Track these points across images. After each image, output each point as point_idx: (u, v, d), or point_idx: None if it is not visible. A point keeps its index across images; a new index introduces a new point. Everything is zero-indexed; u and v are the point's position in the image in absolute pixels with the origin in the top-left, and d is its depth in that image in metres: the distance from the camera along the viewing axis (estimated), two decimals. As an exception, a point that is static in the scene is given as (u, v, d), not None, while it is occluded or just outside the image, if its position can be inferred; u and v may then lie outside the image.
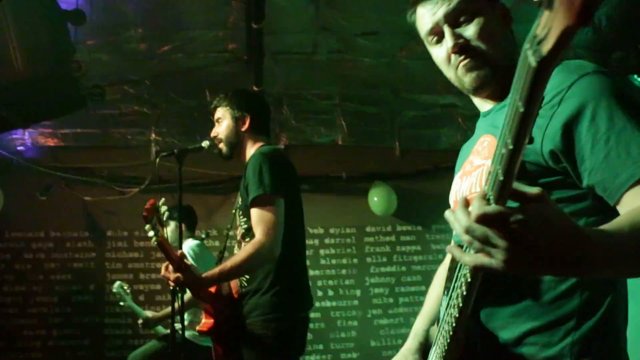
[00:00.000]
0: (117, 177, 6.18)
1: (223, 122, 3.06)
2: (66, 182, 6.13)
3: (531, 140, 1.26)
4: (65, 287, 6.15)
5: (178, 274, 2.60)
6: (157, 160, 3.18)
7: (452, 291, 1.26)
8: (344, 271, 6.31)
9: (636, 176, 1.16)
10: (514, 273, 0.98)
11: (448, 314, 1.30)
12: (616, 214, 1.18)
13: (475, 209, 0.94)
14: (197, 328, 2.92)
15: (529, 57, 0.80)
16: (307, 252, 6.16)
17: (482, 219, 0.93)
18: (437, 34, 1.50)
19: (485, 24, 1.44)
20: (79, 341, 6.07)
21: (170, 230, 3.34)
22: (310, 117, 6.01)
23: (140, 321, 4.71)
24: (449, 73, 1.50)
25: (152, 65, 5.14)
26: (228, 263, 2.66)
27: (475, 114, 1.62)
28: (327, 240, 6.33)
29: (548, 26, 0.76)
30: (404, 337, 6.08)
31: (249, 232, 2.81)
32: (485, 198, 0.96)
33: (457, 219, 0.99)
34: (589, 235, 1.01)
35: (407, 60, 5.15)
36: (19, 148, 6.02)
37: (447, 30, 1.46)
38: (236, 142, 3.04)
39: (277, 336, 2.71)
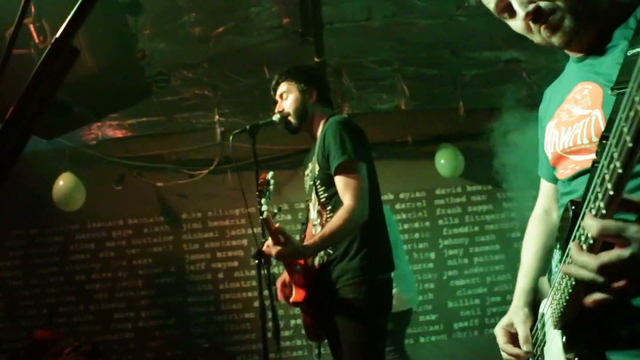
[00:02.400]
0: (185, 161, 6.33)
1: (289, 96, 3.09)
2: (138, 171, 6.33)
3: None
4: (148, 270, 6.41)
5: (279, 247, 2.63)
6: (231, 138, 3.23)
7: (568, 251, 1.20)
8: (416, 235, 6.29)
9: None
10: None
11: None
12: None
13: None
14: (291, 300, 2.95)
15: None
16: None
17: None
18: (505, 9, 1.42)
19: None
20: (166, 320, 6.33)
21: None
22: (371, 84, 5.93)
23: None
24: (535, 39, 1.42)
25: (209, 48, 5.16)
26: (326, 230, 2.70)
27: (539, 67, 1.54)
28: (397, 206, 6.31)
29: None
30: (481, 297, 6.06)
31: (330, 200, 2.88)
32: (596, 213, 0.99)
33: (583, 263, 1.04)
34: None
35: (465, 18, 4.98)
36: (91, 143, 6.23)
37: (513, 1, 1.38)
38: (305, 115, 3.07)
39: (368, 299, 2.76)
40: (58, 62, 0.73)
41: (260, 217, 2.70)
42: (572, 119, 1.42)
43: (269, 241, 2.69)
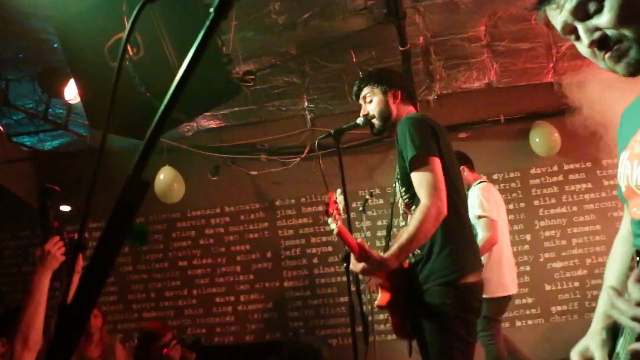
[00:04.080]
0: (277, 149, 6.45)
1: (373, 98, 3.08)
2: (232, 160, 6.51)
3: None
4: (245, 256, 6.60)
5: (362, 264, 2.67)
6: (316, 143, 3.24)
7: None
8: (511, 216, 6.03)
9: None
10: None
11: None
12: None
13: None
14: (376, 303, 2.96)
15: None
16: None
17: None
18: (571, 32, 1.39)
19: (620, 2, 1.28)
20: (264, 304, 6.51)
21: None
22: (460, 62, 5.78)
23: None
24: (600, 64, 1.38)
25: (295, 35, 5.22)
26: (404, 237, 2.67)
27: None
28: (491, 187, 6.14)
29: None
30: (581, 279, 5.81)
31: (413, 200, 2.84)
32: None
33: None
34: None
35: (558, -16, 4.77)
36: (187, 134, 6.47)
37: (579, 27, 1.35)
38: (389, 116, 3.05)
39: (455, 303, 2.71)
40: (132, 196, 0.82)
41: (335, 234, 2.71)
42: None
43: (352, 259, 2.73)
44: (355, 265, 2.71)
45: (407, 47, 5.15)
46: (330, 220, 2.71)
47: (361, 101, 3.15)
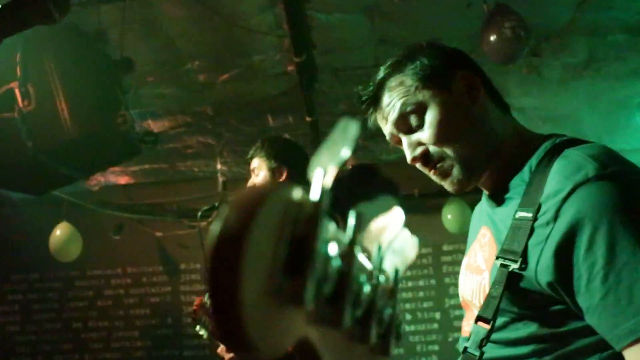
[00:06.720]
0: (186, 210, 6.19)
1: (259, 173, 2.96)
2: (138, 219, 6.22)
3: (523, 267, 1.06)
4: (145, 321, 6.25)
5: (232, 355, 2.65)
6: (199, 215, 3.20)
7: None
8: (421, 293, 6.02)
9: (636, 334, 0.96)
10: None
11: None
12: None
13: None
14: None
15: None
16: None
17: None
18: (399, 143, 1.37)
19: (439, 119, 1.27)
20: (162, 374, 6.12)
21: None
22: (378, 134, 5.77)
23: None
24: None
25: (213, 95, 5.12)
26: None
27: (557, 116, 1.43)
28: (402, 262, 6.07)
29: None
30: (489, 363, 5.56)
31: None
32: None
33: None
34: None
35: (480, 59, 4.86)
36: (94, 189, 6.17)
37: (402, 140, 1.34)
38: None
39: None
40: None
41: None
42: (474, 266, 1.32)
43: (223, 346, 2.71)
44: (226, 355, 2.65)
45: (313, 119, 5.08)
46: (198, 327, 2.80)
47: (251, 171, 3.02)
